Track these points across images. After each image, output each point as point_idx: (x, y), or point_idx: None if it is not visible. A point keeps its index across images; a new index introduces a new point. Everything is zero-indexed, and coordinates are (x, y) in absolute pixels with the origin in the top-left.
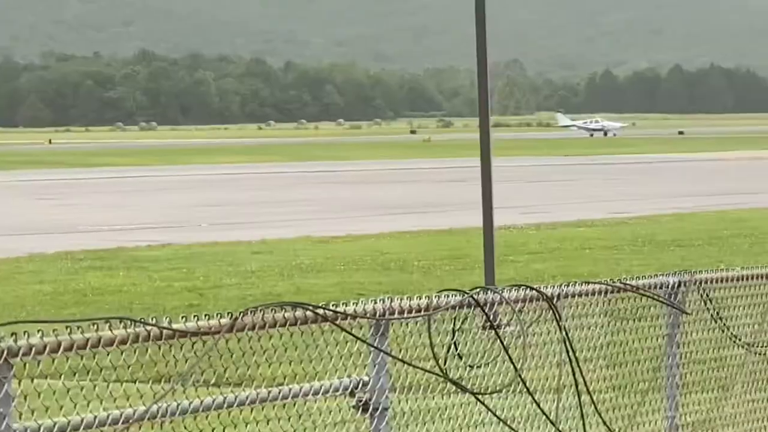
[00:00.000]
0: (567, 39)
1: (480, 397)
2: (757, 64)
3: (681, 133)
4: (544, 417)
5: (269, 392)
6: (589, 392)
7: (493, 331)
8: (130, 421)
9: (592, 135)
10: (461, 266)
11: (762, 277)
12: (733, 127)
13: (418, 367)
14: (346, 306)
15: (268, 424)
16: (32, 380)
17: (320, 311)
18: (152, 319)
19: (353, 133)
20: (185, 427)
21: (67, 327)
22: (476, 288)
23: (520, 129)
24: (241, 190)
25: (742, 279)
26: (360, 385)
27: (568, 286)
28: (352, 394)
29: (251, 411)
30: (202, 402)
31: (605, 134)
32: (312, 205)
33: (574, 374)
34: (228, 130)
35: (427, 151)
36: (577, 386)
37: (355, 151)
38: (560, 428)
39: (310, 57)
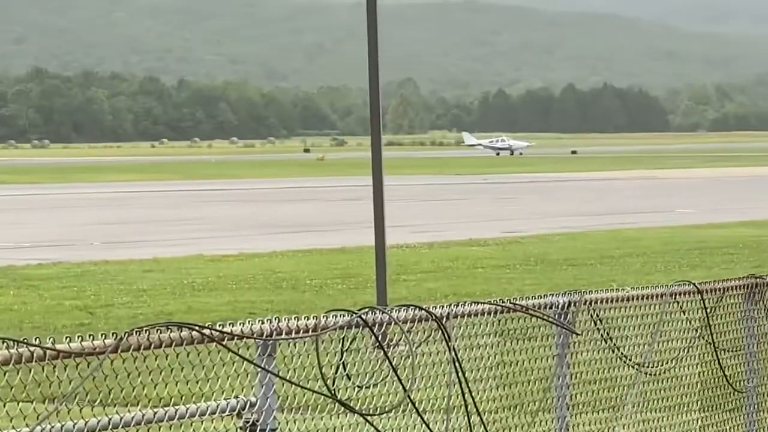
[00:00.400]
0: (460, 58)
1: (369, 417)
2: (649, 83)
3: (574, 152)
4: None
5: (155, 413)
6: (478, 412)
7: (382, 352)
8: None
9: (498, 154)
10: (354, 285)
11: (652, 297)
12: (626, 146)
13: (305, 388)
14: (233, 326)
15: None
16: None
17: (206, 331)
18: (36, 340)
19: (247, 152)
20: None
21: None
22: (364, 308)
23: (414, 148)
24: (134, 208)
25: (632, 299)
26: (247, 406)
27: (457, 306)
28: (239, 415)
29: None
30: (86, 423)
31: (511, 153)
32: (204, 223)
33: (463, 394)
34: (121, 148)
35: (321, 169)
36: (466, 407)
37: (248, 169)
38: None
39: (203, 75)
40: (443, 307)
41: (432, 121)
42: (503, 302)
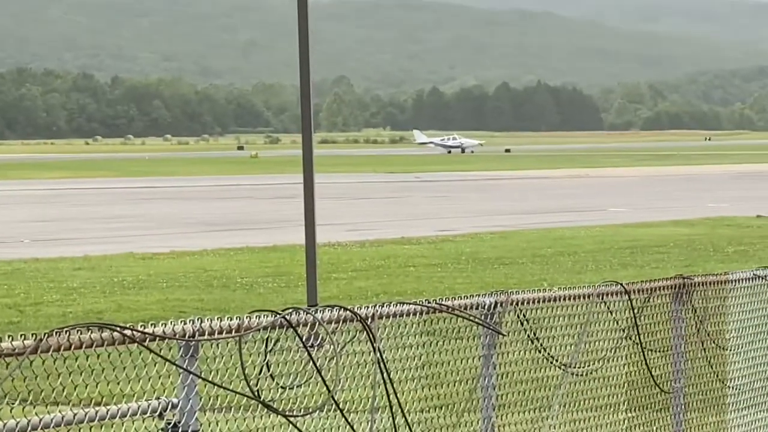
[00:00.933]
0: (394, 56)
1: (292, 418)
2: (582, 82)
3: (508, 150)
4: None
5: (75, 414)
6: (403, 413)
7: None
8: None
9: (449, 152)
10: (284, 284)
11: (579, 297)
12: (559, 144)
13: (227, 389)
14: (155, 327)
15: None
16: None
17: (128, 332)
18: None
19: (181, 149)
20: None
21: None
22: (288, 308)
23: (348, 145)
24: (66, 205)
25: (559, 299)
26: (169, 407)
27: (383, 306)
28: (161, 416)
29: None
30: (5, 425)
31: (462, 151)
32: (136, 221)
33: (388, 395)
34: (54, 144)
35: (254, 167)
36: (391, 407)
37: (181, 167)
38: None
39: (137, 72)
40: (368, 307)
41: (366, 118)
42: (429, 302)
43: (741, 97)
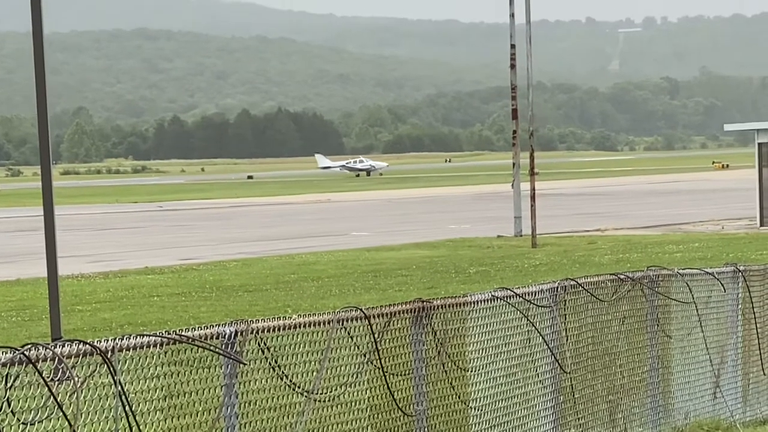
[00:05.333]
0: (135, 85)
1: None
2: (323, 107)
3: (250, 177)
4: None
5: None
6: None
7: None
8: None
9: (358, 175)
10: (29, 317)
11: (318, 324)
12: (302, 170)
13: None
14: None
15: None
16: None
17: None
18: None
19: None
20: None
21: None
22: (28, 344)
23: (90, 176)
24: None
25: (300, 326)
26: None
27: (122, 339)
28: None
29: None
30: None
31: (368, 174)
32: None
33: (130, 427)
34: None
35: None
36: None
37: None
38: None
39: None
40: (109, 340)
41: (108, 149)
42: (170, 333)
43: (480, 118)
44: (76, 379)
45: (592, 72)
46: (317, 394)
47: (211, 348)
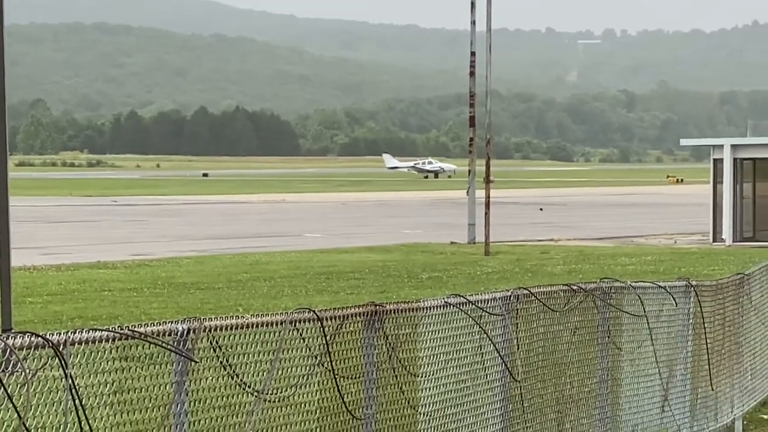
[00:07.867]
0: (92, 79)
1: None
2: (281, 107)
3: (205, 175)
4: None
5: None
6: None
7: None
8: None
9: (426, 177)
10: None
11: (271, 324)
12: (257, 169)
13: None
14: None
15: None
16: None
17: None
18: None
19: None
20: None
21: None
22: None
23: (45, 168)
24: None
25: (252, 326)
26: None
27: (75, 333)
28: None
29: None
30: None
31: (436, 176)
32: None
33: (80, 421)
34: None
35: None
36: None
37: None
38: None
39: None
40: (61, 333)
41: (64, 142)
42: (121, 329)
43: (437, 124)
44: (27, 371)
45: (550, 82)
46: (268, 394)
47: (164, 345)
